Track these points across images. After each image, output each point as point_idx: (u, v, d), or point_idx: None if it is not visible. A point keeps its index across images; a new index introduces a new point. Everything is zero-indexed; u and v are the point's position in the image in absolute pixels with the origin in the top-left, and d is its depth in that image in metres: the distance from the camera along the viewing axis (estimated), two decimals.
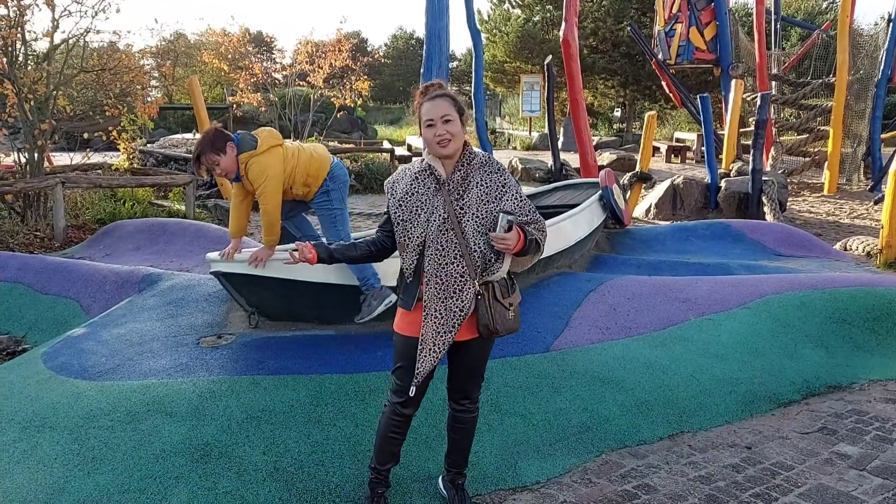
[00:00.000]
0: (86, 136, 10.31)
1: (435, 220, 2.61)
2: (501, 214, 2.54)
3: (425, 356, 2.62)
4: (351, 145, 20.29)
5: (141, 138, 12.69)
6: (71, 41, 9.49)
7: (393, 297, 4.29)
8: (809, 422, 3.78)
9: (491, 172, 2.68)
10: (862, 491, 3.01)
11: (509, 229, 2.51)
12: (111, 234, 7.75)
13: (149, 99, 11.18)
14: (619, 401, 3.85)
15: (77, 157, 10.95)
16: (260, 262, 4.14)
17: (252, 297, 4.33)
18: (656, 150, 20.51)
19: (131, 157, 10.98)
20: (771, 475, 3.19)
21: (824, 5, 31.81)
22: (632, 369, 4.17)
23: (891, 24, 14.20)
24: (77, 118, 10.04)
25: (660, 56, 16.19)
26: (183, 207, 9.88)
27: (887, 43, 14.21)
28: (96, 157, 11.88)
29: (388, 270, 4.30)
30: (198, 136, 15.67)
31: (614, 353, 4.35)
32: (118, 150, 10.86)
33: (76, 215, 9.09)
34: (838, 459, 3.33)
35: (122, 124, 10.21)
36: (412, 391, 2.69)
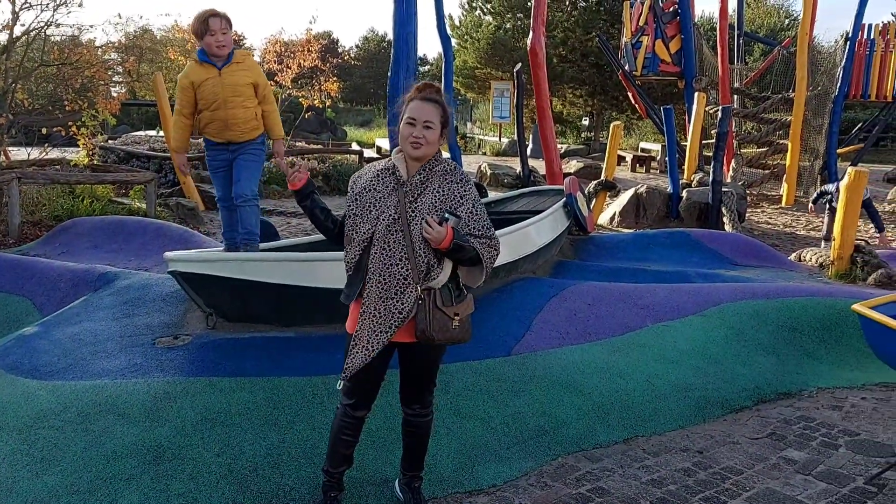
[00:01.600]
0: (44, 130, 10.09)
1: (385, 219, 2.61)
2: (446, 212, 2.58)
3: (357, 353, 2.62)
4: (319, 146, 20.19)
5: (102, 134, 12.44)
6: (31, 34, 9.29)
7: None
8: (759, 427, 3.86)
9: (452, 182, 2.68)
10: (807, 495, 3.09)
11: (440, 223, 2.53)
12: (68, 231, 7.59)
13: (112, 95, 10.98)
14: (576, 405, 3.90)
15: (35, 153, 10.70)
16: (282, 157, 4.90)
17: (210, 297, 4.28)
18: (622, 159, 20.77)
19: (91, 153, 10.77)
20: (721, 479, 3.26)
21: (786, 22, 32.57)
22: (590, 374, 4.22)
23: (847, 43, 14.60)
24: (36, 112, 9.82)
25: (626, 67, 16.42)
26: (144, 206, 9.71)
27: (844, 61, 14.61)
28: (55, 153, 11.62)
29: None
30: (161, 133, 15.45)
31: (574, 358, 4.41)
32: (78, 145, 10.64)
33: (32, 211, 8.87)
34: (785, 464, 3.42)
35: (82, 119, 10.01)
36: (339, 385, 2.70)
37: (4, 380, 3.68)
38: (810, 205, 9.09)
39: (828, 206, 8.43)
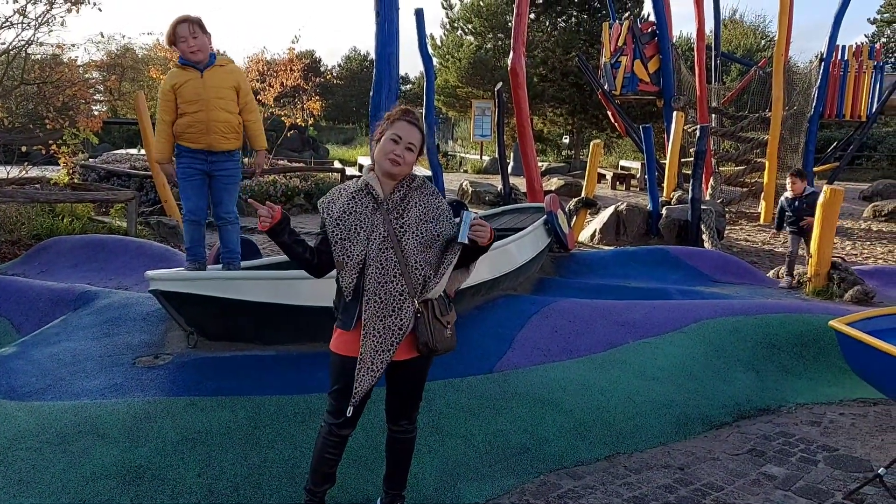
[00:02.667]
0: (23, 149, 10.01)
1: (375, 239, 2.63)
2: (465, 213, 2.66)
3: (363, 375, 2.63)
4: (301, 164, 20.17)
5: (83, 152, 12.37)
6: (12, 52, 9.24)
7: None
8: (739, 443, 3.90)
9: (429, 195, 2.76)
10: None
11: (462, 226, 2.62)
12: (48, 250, 7.52)
13: (94, 113, 10.93)
14: (558, 422, 3.92)
15: (14, 171, 10.61)
16: (262, 168, 4.93)
17: (191, 316, 4.26)
18: (602, 177, 20.97)
19: (72, 171, 10.69)
20: (701, 495, 3.28)
21: (762, 43, 33.17)
22: (572, 391, 4.24)
23: (822, 64, 14.91)
24: (16, 131, 9.75)
25: (606, 86, 16.63)
26: (125, 224, 9.64)
27: (819, 81, 14.91)
28: (35, 171, 11.53)
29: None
30: (143, 151, 15.37)
31: (555, 375, 4.42)
32: (58, 164, 10.56)
33: (11, 230, 8.78)
34: (766, 480, 3.45)
35: (63, 138, 9.95)
36: (349, 411, 2.68)
37: None
38: (773, 230, 8.69)
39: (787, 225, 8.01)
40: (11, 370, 3.98)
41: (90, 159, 15.21)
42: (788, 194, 7.71)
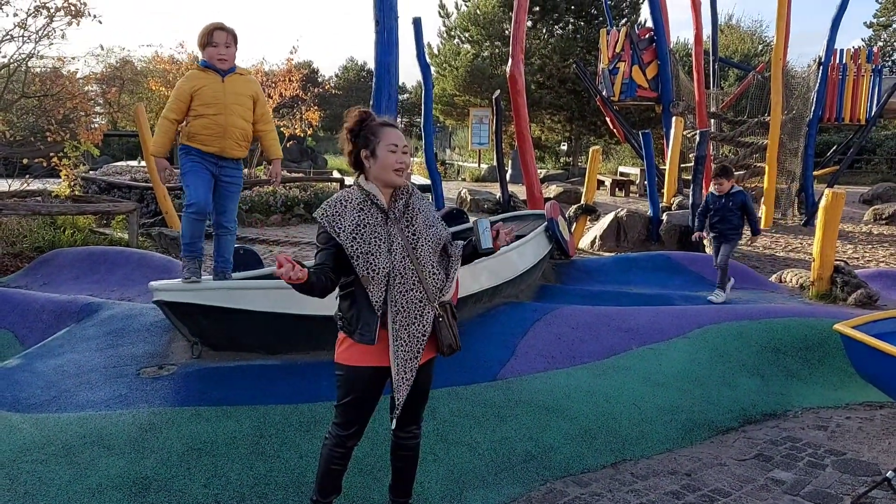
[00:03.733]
0: (25, 161, 10.03)
1: (397, 250, 2.63)
2: (480, 220, 2.70)
3: (400, 384, 2.62)
4: (300, 174, 20.22)
5: (84, 165, 12.39)
6: (12, 66, 9.27)
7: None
8: (746, 448, 3.89)
9: (423, 200, 2.80)
10: None
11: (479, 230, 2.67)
12: (50, 262, 7.52)
13: (93, 126, 10.96)
14: (563, 429, 3.90)
15: (16, 184, 10.63)
16: (279, 177, 4.92)
17: (195, 326, 4.26)
18: (601, 183, 20.99)
19: (73, 183, 10.70)
20: (710, 501, 3.27)
21: (759, 48, 33.29)
22: (576, 398, 4.23)
23: (820, 68, 14.95)
24: (17, 144, 9.77)
25: (604, 93, 16.68)
26: (126, 236, 9.65)
27: (818, 85, 14.94)
28: (36, 184, 11.55)
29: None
30: (143, 163, 15.39)
31: (559, 382, 4.42)
32: (59, 176, 10.58)
33: (13, 243, 8.78)
34: (773, 485, 3.44)
35: (64, 150, 9.97)
36: (393, 423, 2.71)
37: None
38: (696, 234, 7.24)
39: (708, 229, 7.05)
40: (16, 382, 3.97)
41: (91, 171, 15.23)
42: (714, 190, 6.88)
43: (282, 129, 18.16)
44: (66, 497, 2.97)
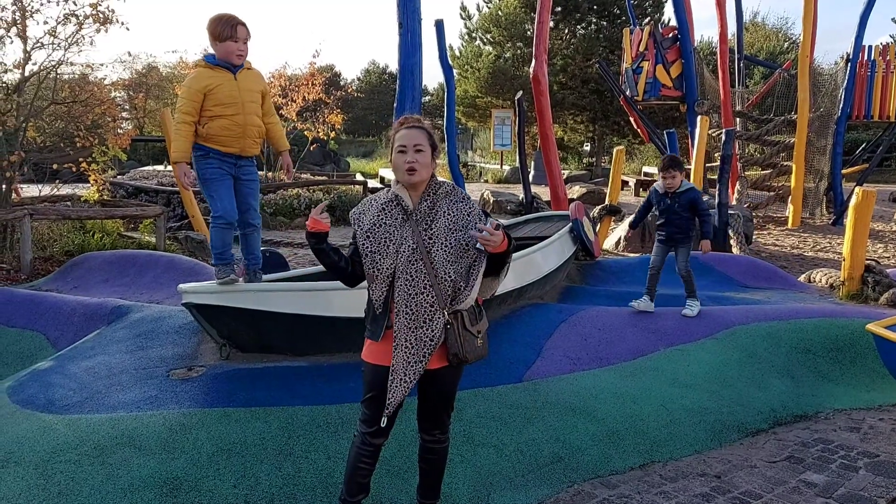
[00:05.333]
0: (55, 167, 10.21)
1: (404, 251, 2.64)
2: (488, 219, 2.66)
3: (396, 386, 2.63)
4: (324, 177, 20.35)
5: (113, 169, 12.60)
6: (42, 73, 9.44)
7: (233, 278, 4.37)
8: (777, 450, 3.83)
9: (457, 201, 2.74)
10: None
11: (496, 229, 2.60)
12: (80, 266, 7.64)
13: (120, 131, 11.12)
14: (590, 431, 3.88)
15: (46, 189, 10.82)
16: (290, 169, 4.91)
17: (224, 328, 4.30)
18: (625, 183, 20.87)
19: (101, 188, 10.87)
20: None
21: (786, 45, 32.88)
22: (603, 399, 4.21)
23: (849, 64, 14.72)
24: (47, 150, 9.95)
25: (627, 93, 16.57)
26: (153, 239, 9.79)
27: (846, 82, 14.72)
28: (66, 189, 11.76)
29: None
30: (169, 167, 15.59)
31: (585, 384, 4.39)
32: (88, 181, 10.76)
33: (44, 247, 8.95)
34: (805, 488, 3.39)
35: (93, 156, 10.13)
36: (384, 421, 2.69)
37: (21, 414, 3.69)
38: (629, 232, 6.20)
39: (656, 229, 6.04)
40: (49, 384, 4.04)
41: (118, 176, 15.47)
42: (659, 186, 5.80)
43: (305, 132, 18.29)
44: (99, 497, 3.01)
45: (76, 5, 9.09)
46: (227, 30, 4.22)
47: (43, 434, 3.45)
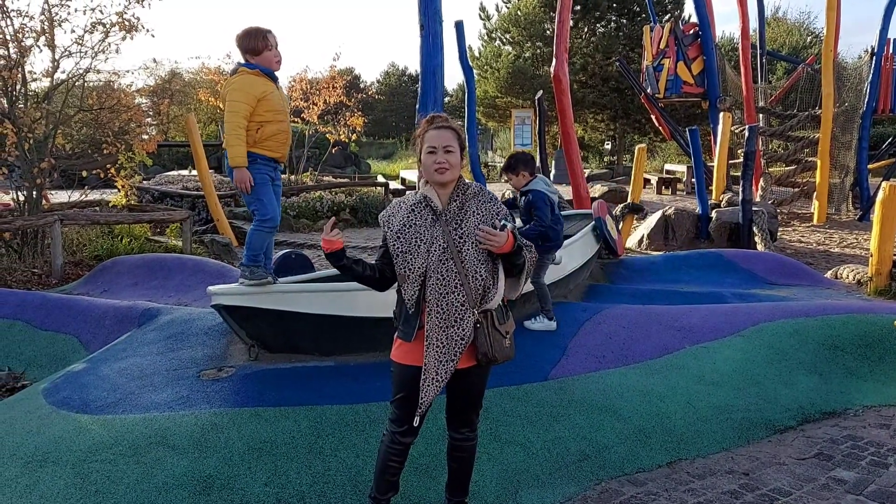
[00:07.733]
0: (84, 173, 10.39)
1: (435, 251, 2.67)
2: (496, 221, 2.70)
3: (428, 385, 2.66)
4: (346, 179, 20.47)
5: (139, 174, 12.79)
6: (70, 81, 9.62)
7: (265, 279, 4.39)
8: (805, 448, 3.81)
9: (485, 202, 2.78)
10: None
11: (501, 230, 2.64)
12: (109, 270, 7.78)
13: (145, 136, 11.30)
14: (617, 429, 3.89)
15: (75, 195, 11.02)
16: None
17: (252, 329, 4.37)
18: (647, 181, 20.74)
19: (128, 193, 11.05)
20: (769, 501, 3.22)
21: (808, 40, 32.46)
22: (629, 397, 4.21)
23: (874, 58, 14.52)
24: (75, 156, 10.13)
25: (648, 90, 16.47)
26: (179, 243, 9.92)
27: (871, 76, 14.51)
28: (93, 195, 11.96)
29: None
30: (194, 172, 15.79)
31: (611, 382, 4.40)
32: (115, 187, 10.94)
33: (73, 252, 9.12)
34: (835, 485, 3.37)
35: (119, 161, 10.30)
36: (416, 421, 2.72)
37: (56, 416, 3.78)
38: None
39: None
40: (83, 385, 4.13)
41: (144, 181, 15.70)
42: (509, 192, 5.44)
43: (326, 135, 18.41)
44: (134, 495, 3.08)
45: (103, 14, 9.27)
46: (259, 43, 4.31)
47: (79, 434, 3.54)
